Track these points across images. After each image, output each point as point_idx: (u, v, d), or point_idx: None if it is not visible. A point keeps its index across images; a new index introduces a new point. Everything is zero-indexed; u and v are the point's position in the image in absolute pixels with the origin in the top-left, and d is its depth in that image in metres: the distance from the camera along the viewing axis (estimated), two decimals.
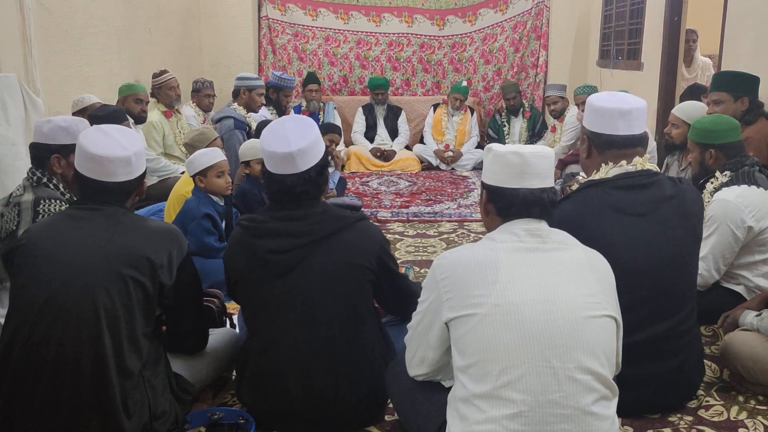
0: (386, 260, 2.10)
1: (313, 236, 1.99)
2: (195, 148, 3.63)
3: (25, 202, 2.40)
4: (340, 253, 2.00)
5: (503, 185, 1.71)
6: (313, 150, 2.02)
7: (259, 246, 2.01)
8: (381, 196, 5.59)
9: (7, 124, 3.39)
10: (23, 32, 3.70)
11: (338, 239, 2.01)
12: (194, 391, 2.18)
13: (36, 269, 1.83)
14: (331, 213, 2.06)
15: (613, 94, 2.20)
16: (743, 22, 4.01)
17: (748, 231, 2.69)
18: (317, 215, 2.02)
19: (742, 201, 2.68)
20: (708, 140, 2.83)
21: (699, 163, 2.91)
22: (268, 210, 2.09)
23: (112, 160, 1.89)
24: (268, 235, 2.01)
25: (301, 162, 1.99)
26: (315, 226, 2.00)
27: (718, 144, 2.81)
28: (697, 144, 2.89)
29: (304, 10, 7.50)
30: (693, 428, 2.15)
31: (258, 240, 2.02)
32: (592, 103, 2.20)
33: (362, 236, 2.05)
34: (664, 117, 4.34)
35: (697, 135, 2.89)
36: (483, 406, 1.55)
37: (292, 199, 2.02)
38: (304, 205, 2.02)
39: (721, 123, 2.86)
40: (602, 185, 2.14)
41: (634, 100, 2.16)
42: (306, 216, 2.01)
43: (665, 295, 2.10)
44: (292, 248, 1.99)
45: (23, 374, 1.79)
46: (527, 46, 7.46)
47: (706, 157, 2.86)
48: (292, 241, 1.99)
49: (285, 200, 2.03)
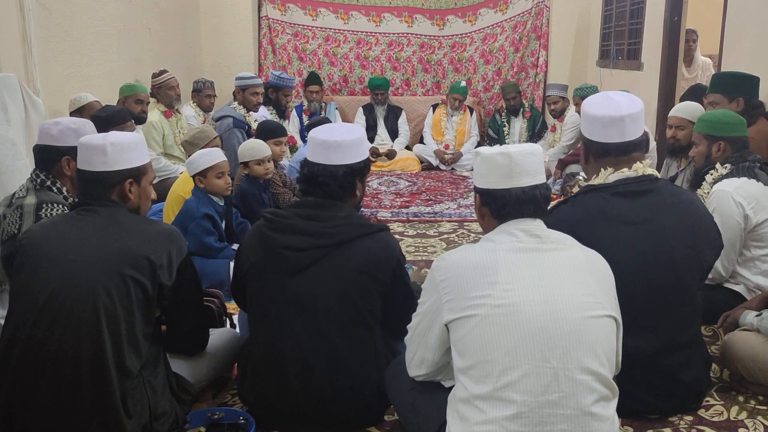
0: (400, 275, 2.08)
1: (331, 239, 1.99)
2: (194, 146, 3.64)
3: (28, 206, 2.39)
4: (355, 260, 1.99)
5: (495, 187, 1.72)
6: (348, 149, 2.06)
7: (276, 240, 2.02)
8: (381, 196, 5.59)
9: (7, 124, 3.39)
10: (23, 32, 3.70)
11: (356, 246, 2.00)
12: (194, 391, 2.18)
13: (36, 269, 1.83)
14: (354, 220, 2.06)
15: (607, 98, 2.13)
16: (743, 22, 4.01)
17: (746, 221, 2.70)
18: (340, 219, 2.02)
19: (741, 192, 2.69)
20: (718, 132, 2.84)
21: (705, 156, 2.90)
22: (294, 206, 2.11)
23: (88, 147, 1.94)
24: (287, 230, 2.02)
25: (333, 155, 2.04)
26: (335, 229, 2.00)
27: (727, 137, 2.82)
28: (706, 136, 2.88)
29: (304, 10, 7.50)
30: (693, 428, 2.15)
31: (276, 234, 2.03)
32: (585, 110, 2.15)
33: (380, 247, 2.04)
34: (664, 117, 4.33)
35: (706, 127, 2.89)
36: (483, 406, 1.55)
37: (315, 191, 2.06)
38: (327, 207, 2.04)
39: (731, 116, 2.90)
40: (601, 191, 2.12)
41: (627, 105, 2.09)
42: (329, 218, 2.02)
43: (661, 305, 2.07)
44: (309, 248, 1.99)
45: (23, 374, 1.79)
46: (527, 46, 7.46)
47: (713, 150, 2.86)
48: (309, 240, 1.99)
49: (309, 190, 2.08)
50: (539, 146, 1.79)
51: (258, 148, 3.75)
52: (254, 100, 5.07)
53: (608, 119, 2.08)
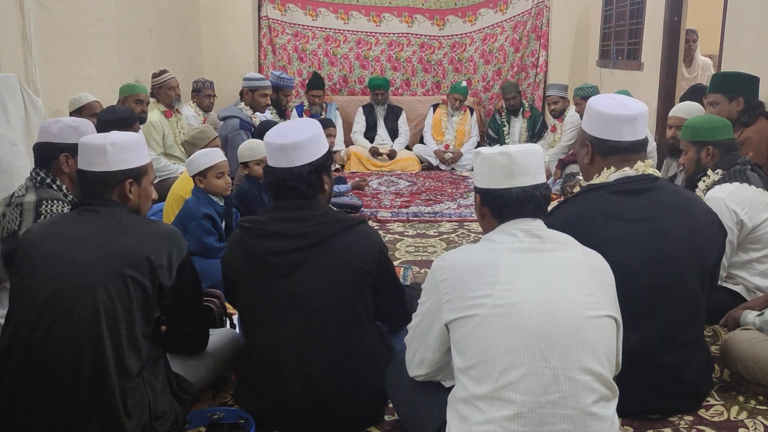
0: (385, 264, 2.09)
1: (312, 238, 1.99)
2: (194, 146, 3.64)
3: (28, 203, 2.40)
4: (339, 255, 1.99)
5: (495, 186, 1.72)
6: (308, 147, 2.03)
7: (258, 247, 2.01)
8: (381, 196, 5.59)
9: (7, 124, 3.39)
10: (23, 32, 3.70)
11: (338, 242, 2.00)
12: (194, 391, 2.18)
13: (36, 269, 1.83)
14: (332, 216, 2.05)
15: (613, 98, 2.16)
16: (743, 22, 4.01)
17: (741, 227, 2.70)
18: (317, 217, 2.02)
19: (734, 198, 2.69)
20: (704, 137, 2.85)
21: (695, 162, 2.92)
22: (270, 211, 2.09)
23: (88, 147, 1.94)
24: (267, 236, 2.01)
25: (294, 156, 2.00)
26: (315, 228, 2.00)
27: (714, 141, 2.83)
28: (693, 143, 2.90)
29: (304, 10, 7.50)
30: (693, 428, 2.15)
31: (258, 241, 2.02)
32: (595, 109, 2.14)
33: (362, 239, 2.05)
34: (664, 117, 4.33)
35: (691, 134, 2.91)
36: (483, 406, 1.55)
37: (285, 195, 2.03)
38: (305, 207, 2.03)
39: (713, 120, 2.92)
40: (601, 190, 2.12)
41: (636, 105, 2.13)
42: (306, 218, 2.01)
43: (662, 303, 2.07)
44: (292, 250, 1.99)
45: (23, 374, 1.79)
46: (527, 46, 7.46)
47: (702, 155, 2.87)
48: (291, 242, 1.99)
49: (279, 195, 2.05)
50: (539, 146, 1.79)
51: (258, 148, 3.75)
52: (263, 101, 5.19)
53: (623, 117, 2.09)
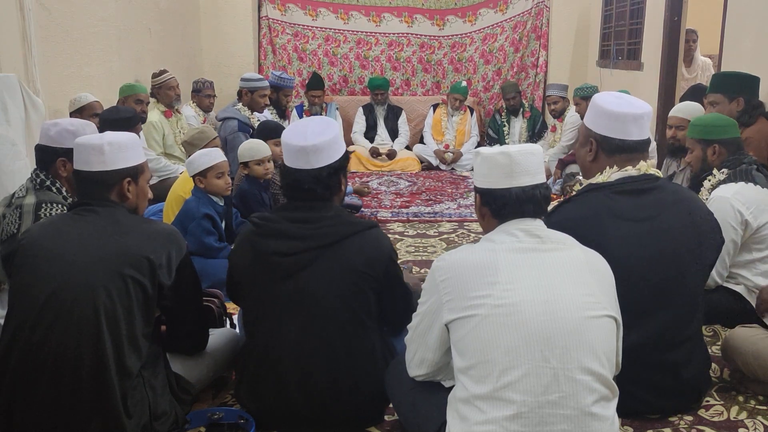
0: (393, 271, 2.07)
1: (321, 241, 1.97)
2: (194, 146, 3.64)
3: (27, 205, 2.40)
4: (347, 259, 1.98)
5: (495, 186, 1.72)
6: (328, 150, 2.01)
7: (265, 246, 2.00)
8: (381, 196, 5.59)
9: (7, 124, 3.39)
10: (23, 32, 3.70)
11: (347, 245, 1.99)
12: (194, 391, 2.18)
13: (36, 269, 1.83)
14: (342, 218, 2.03)
15: (618, 96, 2.16)
16: (743, 22, 4.01)
17: (746, 226, 2.69)
18: (328, 219, 2.00)
19: (739, 197, 2.69)
20: (711, 136, 2.85)
21: (701, 160, 2.91)
22: (281, 209, 2.09)
23: (85, 147, 1.93)
24: (275, 235, 2.00)
25: (314, 159, 1.98)
26: (324, 230, 1.98)
27: (720, 139, 2.83)
28: (699, 141, 2.90)
29: (304, 10, 7.50)
30: (693, 428, 2.15)
31: (265, 239, 2.01)
32: (602, 107, 2.13)
33: (372, 245, 2.02)
34: (664, 117, 4.33)
35: (698, 132, 2.90)
36: (483, 406, 1.55)
37: (302, 196, 2.01)
38: (316, 208, 2.01)
39: (721, 119, 2.92)
40: (604, 189, 2.12)
41: (642, 104, 2.13)
42: (317, 219, 1.99)
43: (663, 301, 2.07)
44: (298, 252, 1.98)
45: (23, 374, 1.79)
46: (527, 46, 7.46)
47: (708, 153, 2.87)
48: (298, 244, 1.98)
49: (295, 197, 2.03)
50: (539, 146, 1.80)
51: (258, 148, 3.76)
52: (262, 102, 5.16)
53: (631, 116, 2.09)
